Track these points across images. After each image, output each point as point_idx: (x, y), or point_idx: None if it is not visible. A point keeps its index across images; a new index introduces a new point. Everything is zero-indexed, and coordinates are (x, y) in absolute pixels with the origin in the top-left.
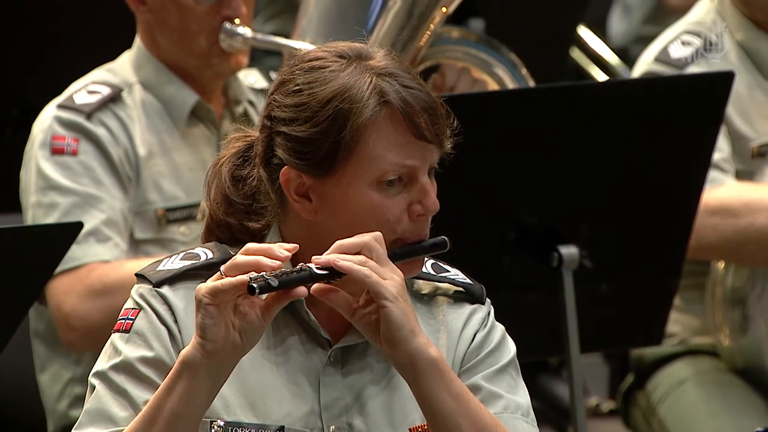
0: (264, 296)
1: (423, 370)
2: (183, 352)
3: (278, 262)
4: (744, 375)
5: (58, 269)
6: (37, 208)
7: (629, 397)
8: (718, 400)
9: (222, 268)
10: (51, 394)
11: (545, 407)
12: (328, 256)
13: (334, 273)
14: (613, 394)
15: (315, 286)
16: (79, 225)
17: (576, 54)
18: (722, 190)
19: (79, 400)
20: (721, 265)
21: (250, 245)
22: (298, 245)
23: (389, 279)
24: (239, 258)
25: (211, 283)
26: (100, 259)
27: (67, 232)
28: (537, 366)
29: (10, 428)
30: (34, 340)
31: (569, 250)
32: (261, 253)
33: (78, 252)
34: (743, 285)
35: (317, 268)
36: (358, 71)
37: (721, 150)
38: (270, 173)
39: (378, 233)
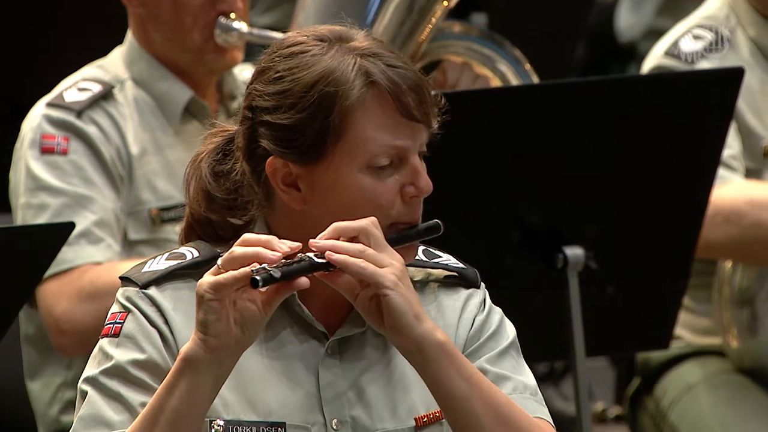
0: (264, 288)
1: (432, 355)
2: (183, 349)
3: (278, 254)
4: (752, 376)
5: (49, 272)
6: (27, 210)
7: (636, 401)
8: (731, 405)
9: (219, 261)
10: (42, 399)
11: None
12: (324, 244)
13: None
14: (619, 399)
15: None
16: (70, 226)
17: None
18: (729, 188)
19: (71, 405)
20: (728, 264)
21: (248, 236)
22: (300, 244)
23: (388, 266)
24: (237, 250)
25: (212, 277)
26: (92, 260)
27: (58, 234)
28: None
29: None
30: (24, 344)
31: (574, 251)
32: (260, 245)
33: (69, 254)
34: (751, 285)
35: (317, 257)
36: (341, 53)
37: (731, 147)
38: (254, 165)
39: (374, 218)
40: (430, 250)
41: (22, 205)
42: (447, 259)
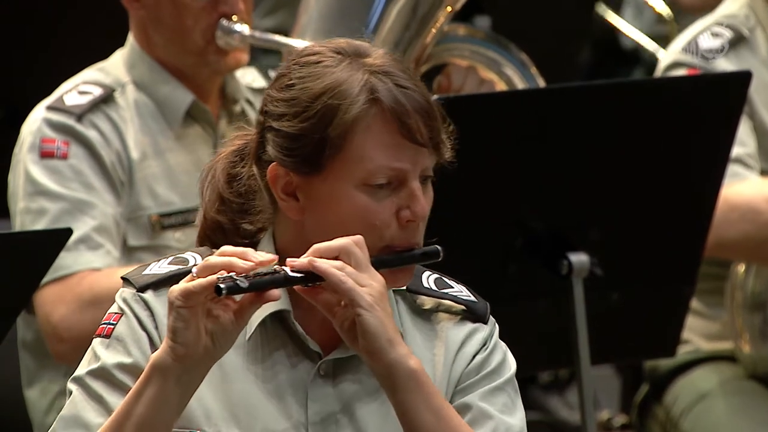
0: (238, 298)
1: (401, 382)
2: (154, 355)
3: (250, 263)
4: (765, 382)
5: (48, 278)
6: (26, 215)
7: (645, 409)
8: (746, 414)
9: (194, 269)
10: (39, 407)
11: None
12: (305, 259)
13: (309, 277)
14: (625, 407)
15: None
16: (68, 231)
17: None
18: (745, 185)
19: None
20: (741, 268)
21: (226, 247)
22: (277, 257)
23: (367, 286)
24: (212, 259)
25: (183, 284)
26: (91, 267)
27: (56, 239)
28: (527, 379)
29: None
30: (21, 351)
31: (579, 258)
32: (235, 255)
33: (68, 260)
34: (764, 290)
35: (292, 271)
36: (353, 68)
37: (746, 145)
38: (261, 171)
39: (359, 237)
40: (444, 279)
41: (20, 210)
42: (459, 290)
